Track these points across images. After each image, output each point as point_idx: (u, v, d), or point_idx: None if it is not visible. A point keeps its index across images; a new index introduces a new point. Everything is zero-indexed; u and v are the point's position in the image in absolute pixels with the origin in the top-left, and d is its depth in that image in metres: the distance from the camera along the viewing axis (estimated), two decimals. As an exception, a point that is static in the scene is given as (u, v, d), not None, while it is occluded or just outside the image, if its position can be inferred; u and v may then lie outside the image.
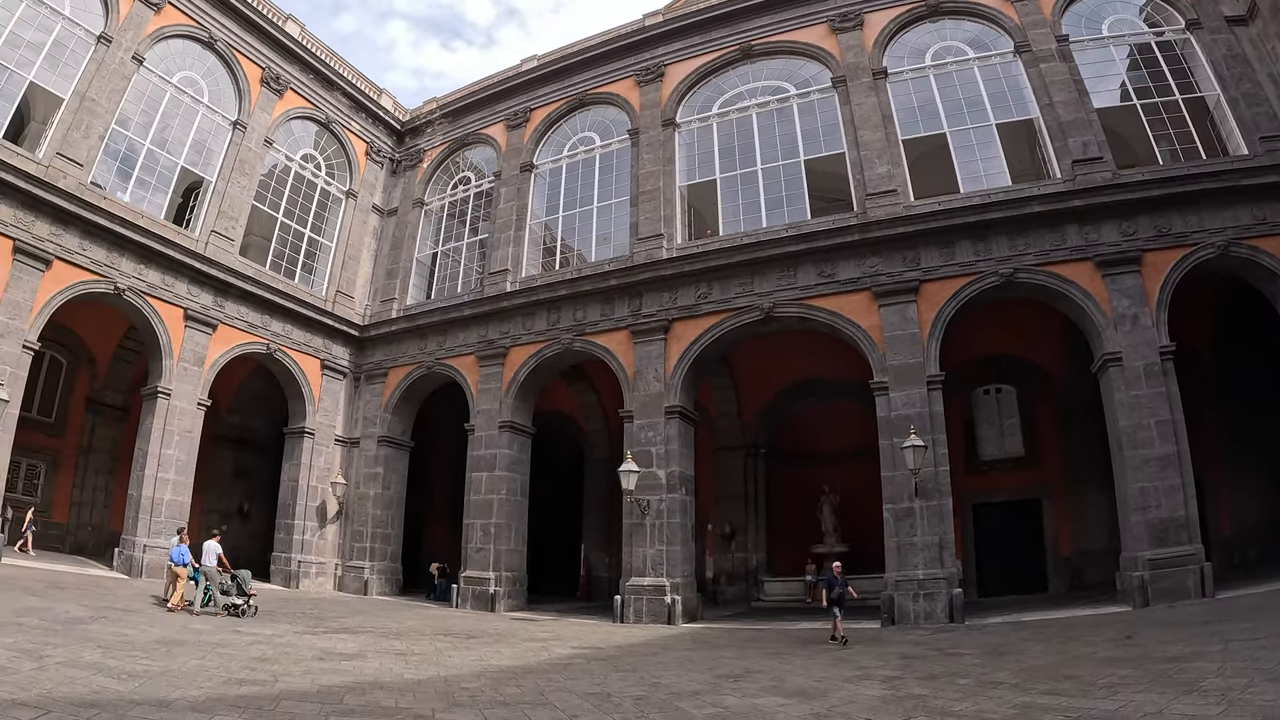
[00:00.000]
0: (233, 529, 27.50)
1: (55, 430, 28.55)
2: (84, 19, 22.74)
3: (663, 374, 21.47)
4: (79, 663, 9.64)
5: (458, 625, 18.36)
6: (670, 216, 23.05)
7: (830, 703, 9.11)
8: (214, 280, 24.64)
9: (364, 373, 28.77)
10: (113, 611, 15.00)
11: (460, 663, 12.44)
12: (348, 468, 27.60)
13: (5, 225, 20.06)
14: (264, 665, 10.84)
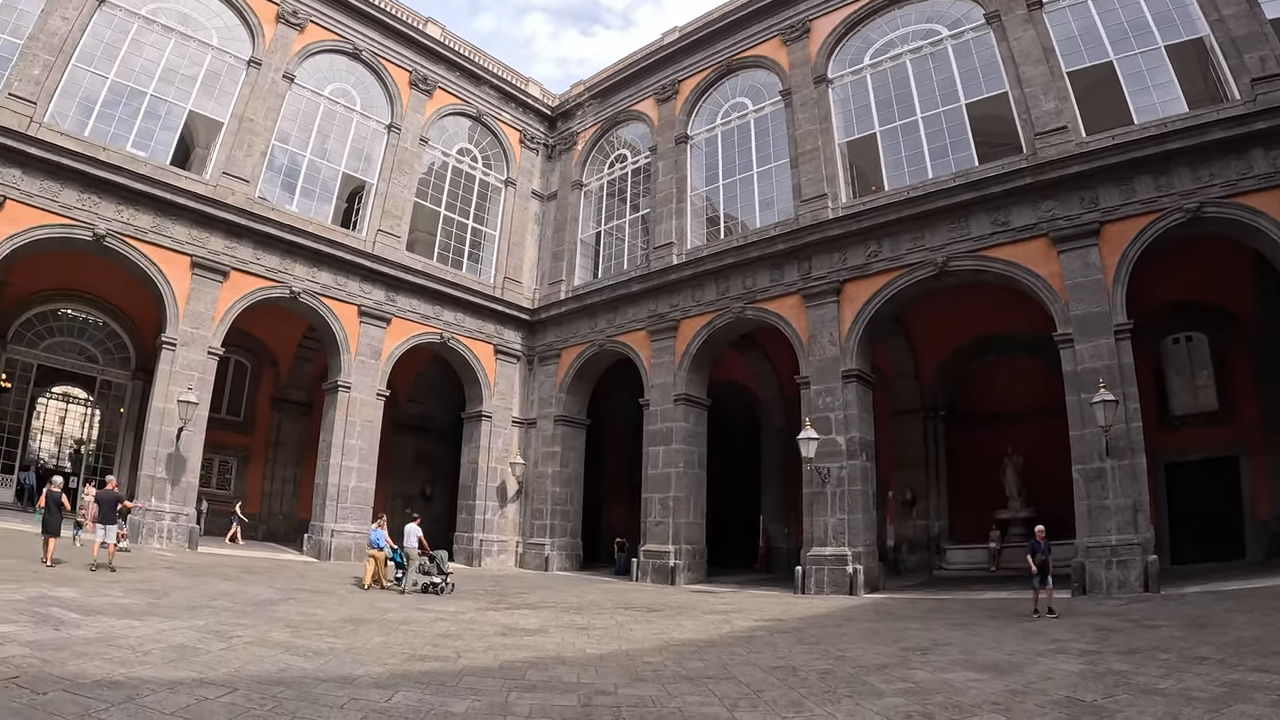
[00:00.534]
0: (415, 512, 29.98)
1: (244, 428, 33.01)
2: (232, 46, 26.28)
3: (837, 337, 21.96)
4: (267, 642, 10.54)
5: (638, 599, 19.41)
6: (832, 175, 23.41)
7: (1026, 678, 8.98)
8: (384, 276, 27.91)
9: (537, 355, 31.56)
10: (301, 593, 16.68)
11: (641, 636, 13.01)
12: (525, 448, 30.61)
13: (182, 243, 23.87)
14: (447, 641, 11.68)
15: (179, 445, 23.21)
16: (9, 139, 21.04)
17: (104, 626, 10.18)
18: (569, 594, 20.48)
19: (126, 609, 11.83)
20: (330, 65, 28.63)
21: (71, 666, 7.81)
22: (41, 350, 30.08)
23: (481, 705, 7.64)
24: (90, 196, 22.33)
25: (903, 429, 28.71)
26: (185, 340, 23.73)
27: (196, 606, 13.02)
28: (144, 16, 24.54)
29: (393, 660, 9.90)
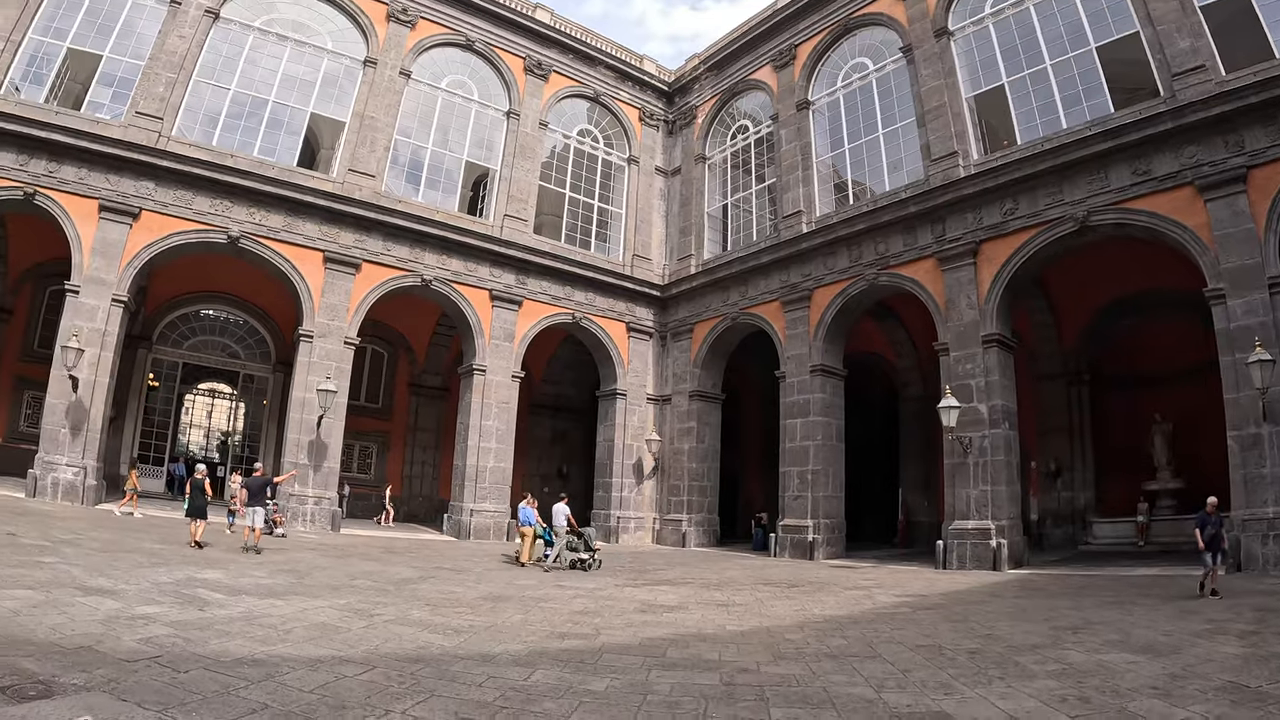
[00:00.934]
0: (553, 490, 32.71)
1: (383, 414, 36.38)
2: (347, 49, 28.93)
3: (975, 300, 22.01)
4: (406, 620, 11.04)
5: (776, 574, 19.91)
6: (961, 132, 23.48)
7: (1184, 660, 8.73)
8: (513, 260, 30.17)
9: (669, 330, 33.19)
10: (441, 571, 17.81)
11: (782, 613, 13.20)
12: (661, 424, 32.57)
13: (313, 240, 26.64)
14: (586, 619, 12.08)
15: (320, 432, 25.95)
16: (141, 154, 24.16)
17: (247, 606, 10.97)
18: (707, 570, 21.25)
19: (270, 589, 12.78)
20: (445, 58, 31.05)
21: (214, 645, 8.40)
22: (185, 349, 33.74)
23: (621, 684, 7.83)
24: (222, 201, 25.34)
25: (1045, 396, 28.87)
26: (322, 332, 26.45)
27: (338, 586, 14.01)
28: (258, 28, 27.49)
29: (532, 638, 10.32)
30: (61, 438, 23.16)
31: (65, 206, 23.66)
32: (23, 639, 7.65)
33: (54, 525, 17.49)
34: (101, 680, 6.54)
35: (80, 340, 23.07)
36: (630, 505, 31.29)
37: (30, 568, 11.71)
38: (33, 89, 24.95)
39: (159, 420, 34.16)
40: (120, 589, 11.02)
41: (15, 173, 23.10)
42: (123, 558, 14.23)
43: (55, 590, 10.28)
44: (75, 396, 23.42)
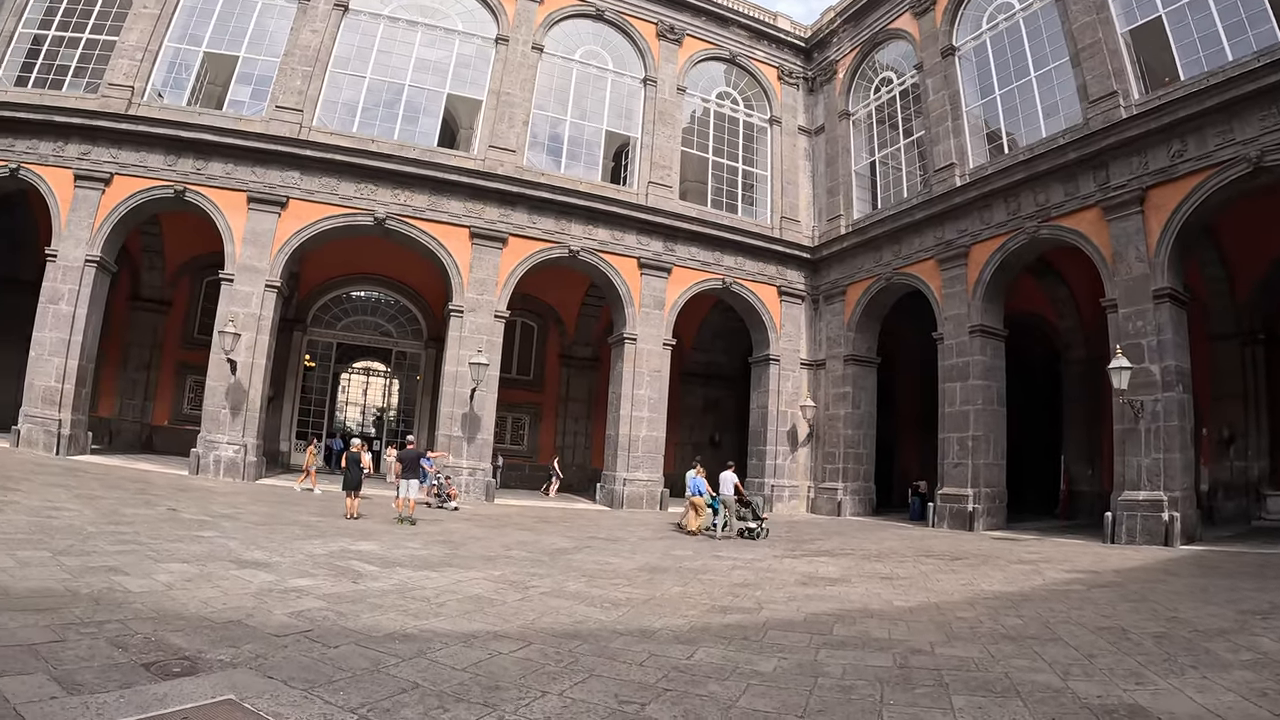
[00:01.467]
0: (705, 459, 32.58)
1: (534, 386, 38.13)
2: (477, 28, 30.30)
3: (1144, 252, 21.02)
4: (562, 592, 11.24)
5: (937, 546, 19.82)
6: (1119, 70, 22.37)
7: None
8: (660, 227, 30.99)
9: (821, 294, 33.42)
10: (596, 541, 18.25)
11: (949, 588, 13.02)
12: (815, 390, 33.03)
13: (458, 217, 28.20)
14: (746, 591, 12.17)
15: (473, 405, 27.51)
16: (284, 145, 26.59)
17: (401, 578, 11.29)
18: (866, 540, 21.36)
19: (424, 560, 13.22)
20: (576, 30, 32.11)
21: (365, 619, 8.58)
22: (339, 330, 36.50)
23: (789, 664, 7.72)
24: (367, 185, 27.34)
25: (1218, 357, 27.37)
26: (471, 306, 28.02)
27: (493, 557, 14.46)
28: (387, 16, 29.28)
29: (692, 612, 10.33)
30: (222, 417, 25.63)
31: (215, 200, 26.25)
32: (173, 613, 7.94)
33: (214, 500, 18.82)
34: (249, 656, 6.77)
35: (236, 325, 25.39)
36: (784, 473, 31.84)
37: (188, 542, 12.38)
38: (175, 94, 27.86)
39: (316, 399, 37.00)
40: (274, 562, 11.61)
41: (164, 172, 26.01)
42: (279, 531, 15.10)
43: (210, 564, 10.81)
44: (234, 378, 25.82)
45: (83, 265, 26.03)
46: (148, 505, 16.47)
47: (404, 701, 5.99)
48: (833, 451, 31.34)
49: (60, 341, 25.58)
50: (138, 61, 26.94)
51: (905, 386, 36.64)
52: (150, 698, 5.44)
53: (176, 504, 17.19)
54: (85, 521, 13.07)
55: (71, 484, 18.18)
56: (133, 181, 26.09)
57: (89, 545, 10.99)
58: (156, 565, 10.20)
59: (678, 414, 34.45)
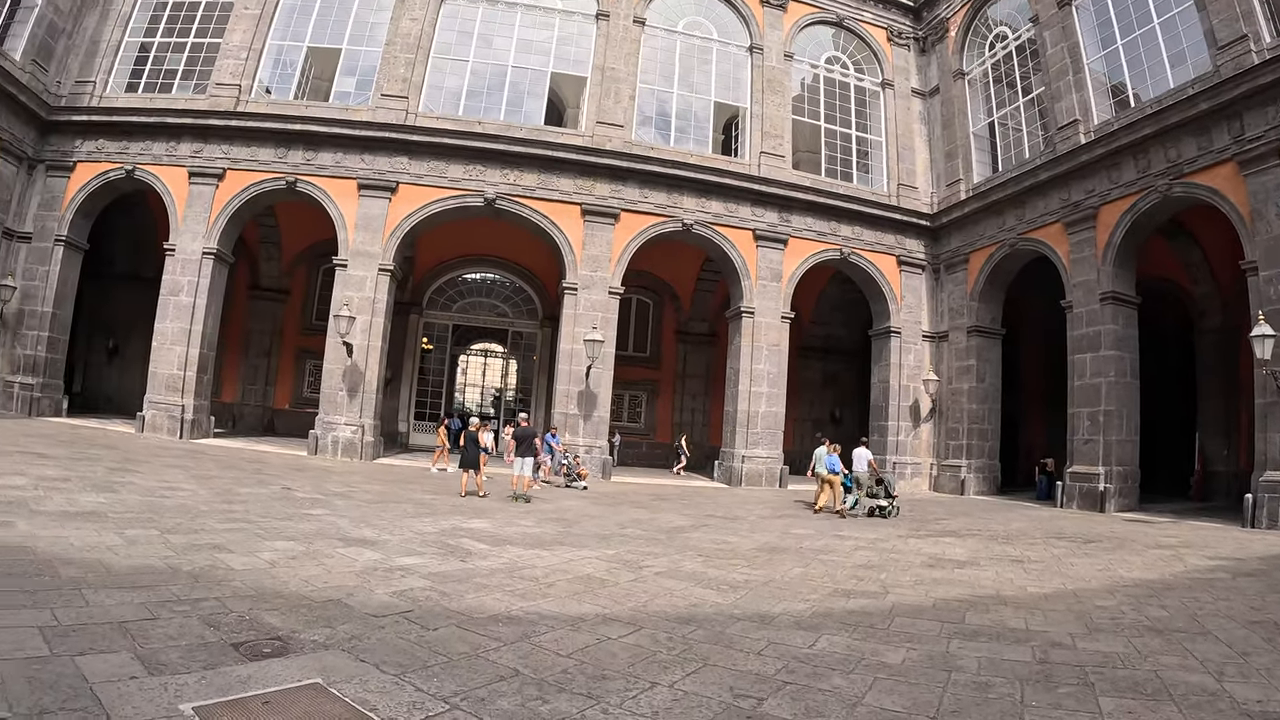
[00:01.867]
0: (826, 434, 32.22)
1: (651, 363, 38.79)
2: (577, 5, 30.81)
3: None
4: (677, 573, 11.12)
5: (1068, 527, 19.32)
6: (1248, 11, 21.09)
7: None
8: (774, 198, 31.01)
9: (942, 262, 32.72)
10: (713, 519, 18.29)
11: (1084, 573, 12.55)
12: (938, 363, 32.75)
13: (569, 194, 28.83)
14: (870, 573, 12.00)
15: (588, 382, 28.16)
16: (392, 132, 27.87)
17: (510, 557, 11.35)
18: (992, 520, 21.02)
19: (536, 539, 13.38)
20: (677, 1, 32.31)
21: (469, 600, 8.50)
22: (454, 312, 37.89)
23: (919, 656, 7.40)
24: (475, 167, 28.29)
25: None
26: (585, 283, 28.68)
27: (607, 535, 14.51)
28: (486, 0, 30.04)
29: (813, 595, 10.11)
30: (339, 399, 27.14)
31: (326, 189, 27.96)
32: (272, 592, 8.01)
33: (329, 479, 19.62)
34: (343, 637, 6.71)
35: (351, 309, 26.79)
36: (906, 450, 31.51)
37: (298, 520, 12.78)
38: (281, 89, 30.07)
39: (433, 380, 38.54)
40: (383, 540, 11.79)
41: (275, 165, 27.92)
42: (391, 509, 15.47)
43: (317, 542, 11.02)
44: (350, 361, 27.20)
45: (200, 258, 28.02)
46: (262, 484, 17.25)
47: (501, 690, 5.79)
48: (956, 427, 30.89)
49: (181, 331, 27.60)
50: (243, 60, 28.77)
51: (1030, 359, 35.67)
52: (233, 680, 5.45)
53: (291, 483, 18.00)
54: (198, 501, 13.63)
55: (189, 465, 19.16)
56: (245, 175, 27.96)
57: (197, 523, 11.38)
58: (262, 543, 10.51)
59: (796, 389, 34.36)
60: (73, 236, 28.75)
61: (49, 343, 28.27)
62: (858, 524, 19.17)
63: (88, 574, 7.77)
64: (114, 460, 17.99)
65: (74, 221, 28.58)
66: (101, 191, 28.88)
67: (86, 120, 28.53)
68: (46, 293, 28.22)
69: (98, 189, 28.63)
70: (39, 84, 27.78)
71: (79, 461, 16.93)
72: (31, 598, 6.74)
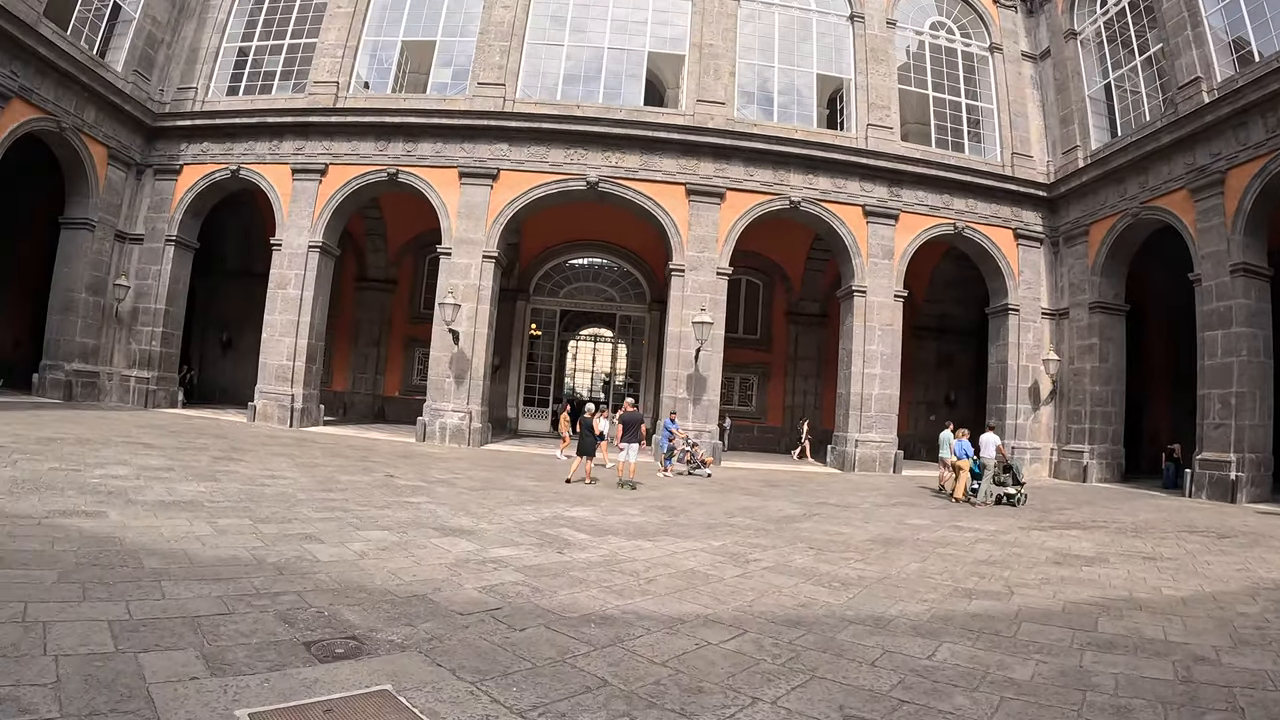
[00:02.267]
0: (939, 418, 32.44)
1: (761, 345, 39.01)
2: None
3: None
4: (786, 567, 10.75)
5: (1198, 520, 18.51)
6: None
7: None
8: (883, 171, 30.65)
9: (1061, 235, 31.46)
10: (825, 508, 17.92)
11: (1222, 573, 11.78)
12: (1058, 342, 31.77)
13: (672, 174, 29.01)
14: (992, 570, 11.40)
15: (697, 365, 28.33)
16: (490, 119, 28.56)
17: (610, 549, 11.14)
18: (1117, 511, 20.20)
19: (639, 528, 13.14)
20: None
21: (562, 596, 8.29)
22: (561, 297, 38.81)
23: (1049, 671, 6.82)
24: (576, 150, 28.72)
25: None
26: (692, 265, 28.80)
27: (713, 525, 14.23)
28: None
29: (932, 595, 9.61)
30: (446, 386, 28.11)
31: (427, 179, 28.96)
32: (356, 585, 7.92)
33: (433, 466, 20.02)
34: (423, 637, 6.52)
35: (456, 296, 27.67)
36: (1025, 434, 30.52)
37: (396, 508, 12.90)
38: (378, 84, 31.46)
39: (541, 365, 39.49)
40: (480, 529, 11.79)
41: (376, 157, 29.12)
42: (492, 496, 15.60)
43: (411, 531, 11.06)
44: (457, 348, 28.05)
45: (306, 251, 29.41)
46: (365, 472, 17.71)
47: (584, 704, 5.44)
48: (1078, 410, 29.83)
49: (289, 323, 29.13)
50: (339, 58, 30.03)
51: (1153, 337, 33.75)
52: (297, 683, 5.30)
53: (395, 470, 18.45)
54: (297, 489, 14.03)
55: (295, 453, 19.86)
56: (347, 169, 29.32)
57: (293, 512, 11.62)
58: (355, 533, 10.57)
59: (910, 371, 33.73)
60: (182, 236, 31.02)
61: (163, 338, 30.74)
62: (976, 514, 18.62)
63: (170, 565, 7.93)
64: (220, 449, 18.79)
65: (183, 222, 30.77)
66: (208, 192, 30.87)
67: (190, 125, 30.56)
68: (159, 290, 30.75)
69: (205, 189, 30.58)
70: (142, 93, 29.96)
71: (185, 451, 17.67)
72: (109, 590, 6.83)
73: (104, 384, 30.04)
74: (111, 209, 29.74)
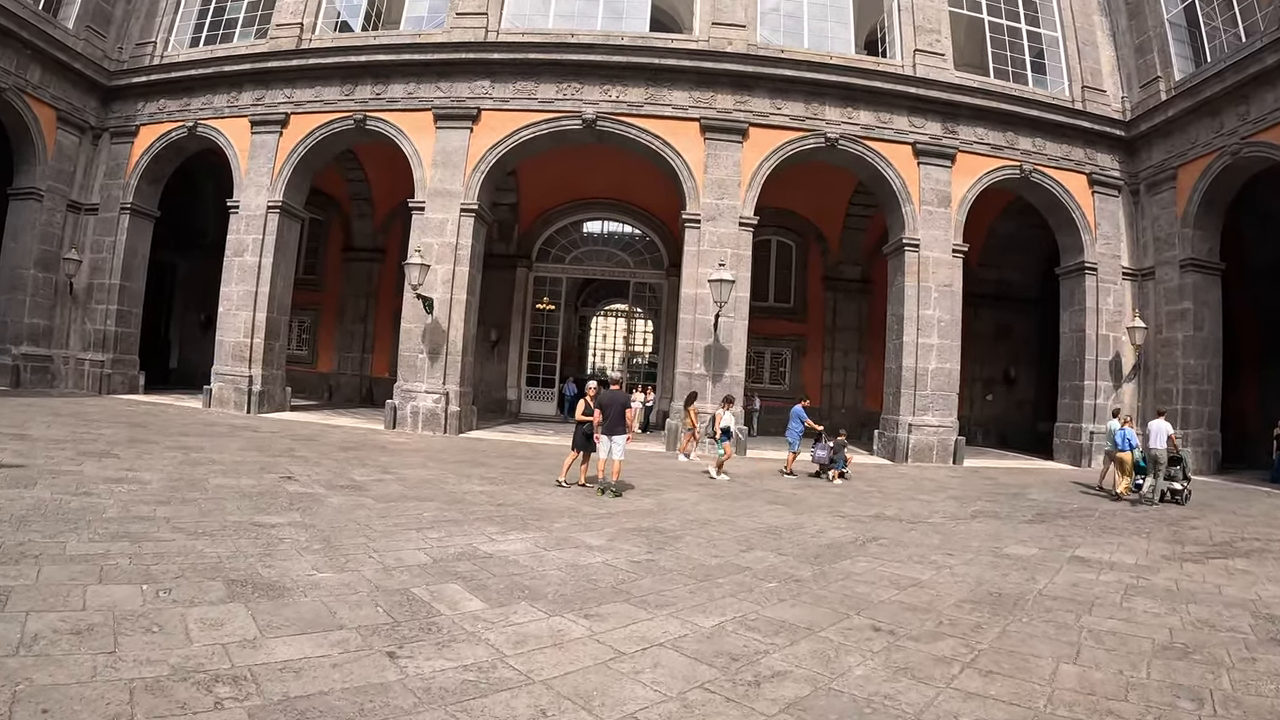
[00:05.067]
0: (996, 398, 26.74)
1: (796, 314, 31.22)
2: None
3: None
4: (832, 689, 5.05)
5: None
6: None
7: None
8: (935, 104, 23.06)
9: (1142, 181, 24.25)
10: (883, 524, 12.03)
11: None
12: (1142, 308, 24.23)
13: (684, 109, 22.10)
14: (1191, 670, 5.83)
15: (717, 334, 21.39)
16: (470, 52, 22.37)
17: (497, 645, 5.45)
18: (1255, 519, 14.26)
19: (584, 582, 7.40)
20: None
21: None
22: (568, 264, 31.37)
23: None
24: (570, 84, 22.25)
25: None
26: (710, 214, 21.86)
27: (714, 569, 8.29)
28: None
29: None
30: (419, 363, 21.94)
31: (398, 124, 22.95)
32: None
33: (371, 462, 14.80)
34: None
35: (427, 256, 21.47)
36: (1105, 417, 22.20)
37: (223, 537, 7.78)
38: (348, 25, 25.43)
39: (547, 340, 31.88)
40: (315, 582, 6.58)
41: (342, 103, 23.30)
42: (402, 512, 10.09)
43: (185, 587, 6.03)
44: (430, 318, 21.72)
45: (265, 212, 23.58)
46: (262, 472, 12.25)
47: None
48: (1167, 388, 22.91)
49: (246, 294, 23.30)
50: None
51: (1241, 304, 25.43)
52: None
53: (307, 469, 13.02)
54: (120, 498, 9.16)
55: (204, 445, 14.88)
56: (309, 119, 23.56)
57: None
58: (76, 593, 5.62)
59: (964, 343, 25.24)
60: (138, 204, 25.88)
61: (118, 316, 25.60)
62: (1100, 534, 12.00)
63: None
64: (120, 440, 14.26)
65: (139, 188, 25.69)
66: (166, 154, 25.71)
67: (146, 81, 25.48)
68: (114, 264, 25.72)
69: (161, 151, 25.43)
70: (96, 50, 25.36)
71: (61, 445, 12.89)
72: None
73: (58, 368, 25.40)
74: (63, 177, 25.12)
